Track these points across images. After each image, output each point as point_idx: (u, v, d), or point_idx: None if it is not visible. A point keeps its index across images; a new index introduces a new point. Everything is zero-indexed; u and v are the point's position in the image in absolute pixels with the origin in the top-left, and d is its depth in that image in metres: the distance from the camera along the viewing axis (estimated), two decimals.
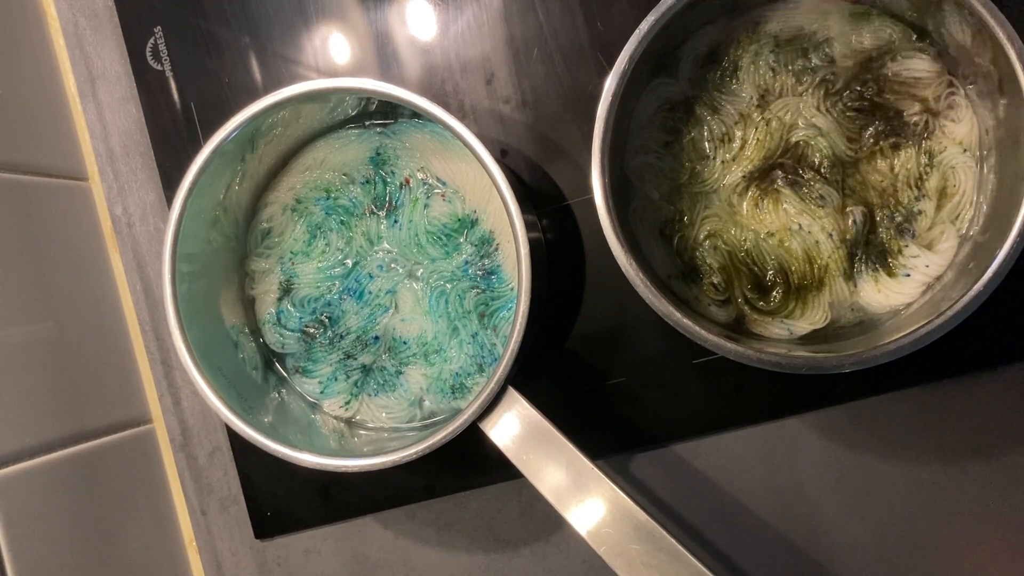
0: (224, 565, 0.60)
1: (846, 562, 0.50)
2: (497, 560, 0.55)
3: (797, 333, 0.46)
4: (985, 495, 0.49)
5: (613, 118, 0.43)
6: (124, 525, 0.56)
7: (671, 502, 0.52)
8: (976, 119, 0.45)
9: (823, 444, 0.50)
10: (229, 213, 0.53)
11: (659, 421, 0.52)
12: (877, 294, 0.46)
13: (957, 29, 0.42)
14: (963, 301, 0.39)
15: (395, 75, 0.56)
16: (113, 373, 0.59)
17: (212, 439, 0.60)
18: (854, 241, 0.46)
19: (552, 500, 0.43)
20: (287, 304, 0.54)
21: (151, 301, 0.61)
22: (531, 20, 0.53)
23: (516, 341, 0.44)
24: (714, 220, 0.48)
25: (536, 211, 0.53)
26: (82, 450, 0.55)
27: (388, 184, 0.53)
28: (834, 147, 0.46)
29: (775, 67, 0.47)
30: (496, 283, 0.51)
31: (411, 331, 0.53)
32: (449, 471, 0.55)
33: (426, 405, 0.53)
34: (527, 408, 0.44)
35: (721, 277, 0.48)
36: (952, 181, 0.45)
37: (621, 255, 0.43)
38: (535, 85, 0.53)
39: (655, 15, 0.43)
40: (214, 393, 0.48)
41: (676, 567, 0.41)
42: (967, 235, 0.45)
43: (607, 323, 0.52)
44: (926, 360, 0.43)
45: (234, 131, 0.48)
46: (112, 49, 0.61)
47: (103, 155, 0.62)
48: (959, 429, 0.49)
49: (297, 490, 0.57)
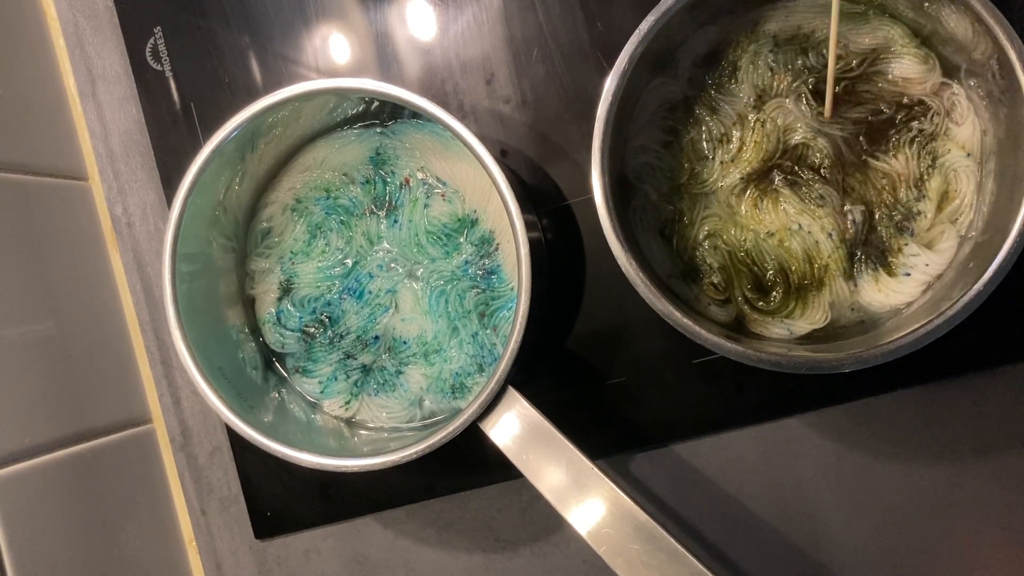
0: (224, 565, 0.60)
1: (846, 562, 0.50)
2: (497, 560, 0.55)
3: (797, 333, 0.46)
4: (985, 495, 0.49)
5: (613, 118, 0.43)
6: (124, 525, 0.56)
7: (671, 502, 0.52)
8: (977, 121, 0.45)
9: (823, 444, 0.50)
10: (229, 213, 0.53)
11: (659, 421, 0.52)
12: (877, 293, 0.46)
13: (956, 29, 0.42)
14: (963, 301, 0.39)
15: (395, 75, 0.56)
16: (113, 373, 0.59)
17: (212, 439, 0.60)
18: (854, 241, 0.46)
19: (552, 500, 0.43)
20: (287, 304, 0.54)
21: (151, 301, 0.61)
22: (531, 20, 0.53)
23: (516, 341, 0.44)
24: (714, 220, 0.48)
25: (536, 211, 0.53)
26: (82, 450, 0.55)
27: (388, 184, 0.53)
28: (834, 147, 0.46)
29: (774, 67, 0.47)
30: (496, 283, 0.51)
31: (411, 331, 0.53)
32: (449, 471, 0.55)
33: (426, 405, 0.53)
34: (527, 408, 0.44)
35: (721, 277, 0.48)
36: (954, 185, 0.45)
37: (621, 255, 0.43)
38: (535, 85, 0.53)
39: (655, 15, 0.43)
40: (214, 393, 0.48)
41: (676, 567, 0.41)
42: (967, 236, 0.45)
43: (607, 323, 0.52)
44: (926, 360, 0.43)
45: (234, 131, 0.48)
46: (112, 49, 0.61)
47: (103, 155, 0.62)
48: (959, 429, 0.49)
49: (297, 490, 0.57)
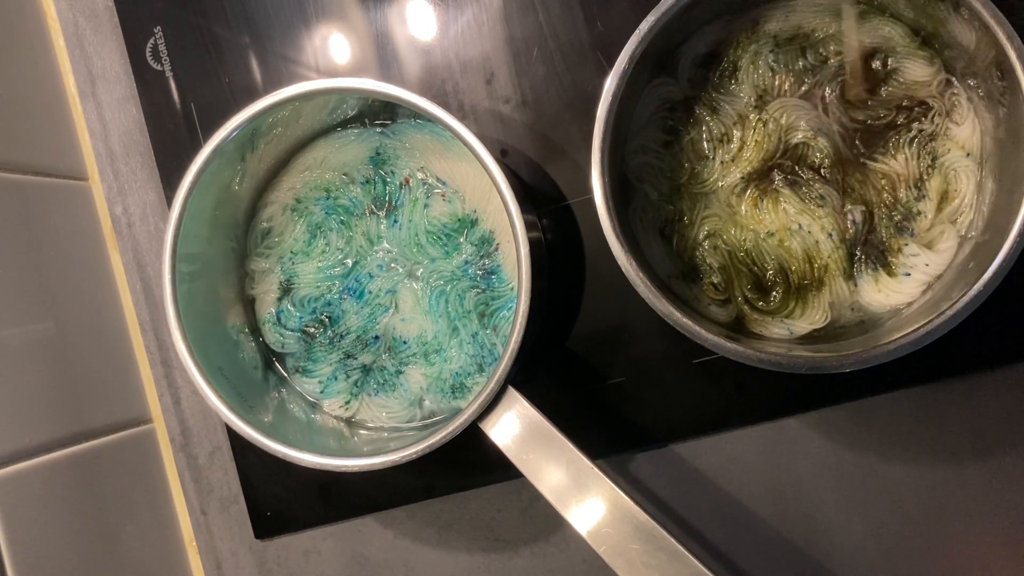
0: (224, 565, 0.60)
1: (846, 562, 0.50)
2: (497, 560, 0.55)
3: (797, 333, 0.46)
4: (985, 495, 0.49)
5: (613, 118, 0.43)
6: (124, 525, 0.56)
7: (671, 502, 0.52)
8: (977, 121, 0.45)
9: (823, 444, 0.50)
10: (229, 213, 0.53)
11: (659, 421, 0.52)
12: (877, 293, 0.46)
13: (956, 29, 0.42)
14: (963, 301, 0.39)
15: (395, 75, 0.56)
16: (113, 373, 0.59)
17: (212, 439, 0.60)
18: (854, 241, 0.46)
19: (552, 500, 0.43)
20: (287, 304, 0.54)
21: (151, 301, 0.61)
22: (531, 20, 0.53)
23: (516, 341, 0.44)
24: (714, 220, 0.48)
25: (536, 211, 0.53)
26: (82, 450, 0.55)
27: (388, 184, 0.53)
28: (834, 147, 0.46)
29: (775, 67, 0.47)
30: (496, 283, 0.51)
31: (411, 331, 0.53)
32: (449, 471, 0.55)
33: (426, 405, 0.53)
34: (527, 408, 0.44)
35: (721, 277, 0.48)
36: (954, 185, 0.45)
37: (621, 255, 0.43)
38: (535, 85, 0.53)
39: (655, 15, 0.43)
40: (214, 393, 0.48)
41: (676, 567, 0.41)
42: (967, 236, 0.45)
43: (607, 323, 0.52)
44: (926, 360, 0.43)
45: (234, 131, 0.48)
46: (112, 49, 0.61)
47: (103, 155, 0.62)
48: (959, 429, 0.49)
49: (297, 490, 0.57)
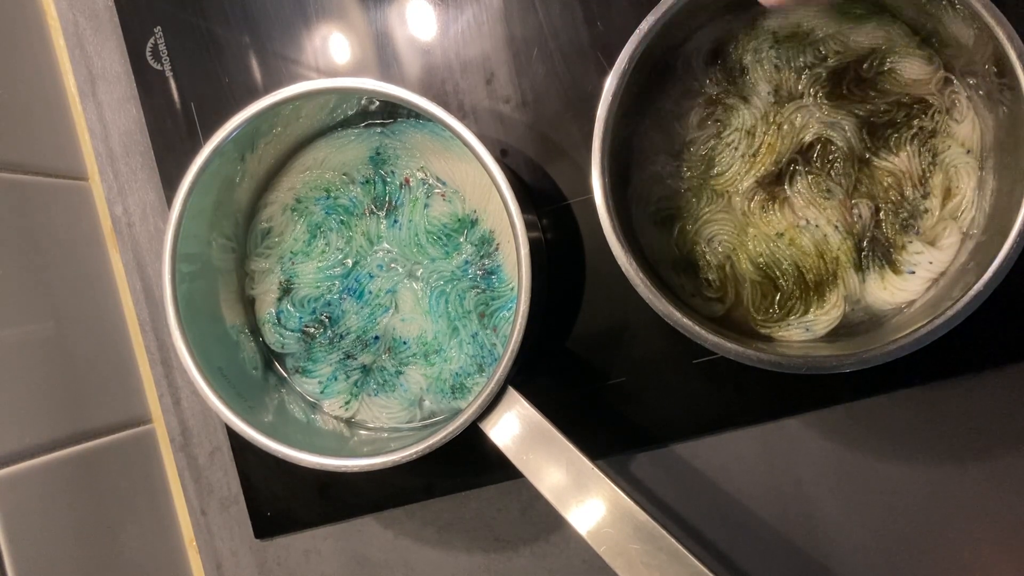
0: (224, 565, 0.60)
1: (846, 562, 0.50)
2: (497, 560, 0.55)
3: (818, 332, 0.46)
4: (985, 495, 0.48)
5: (613, 118, 0.43)
6: (124, 525, 0.56)
7: (671, 502, 0.52)
8: (977, 119, 0.45)
9: (823, 444, 0.50)
10: (229, 213, 0.53)
11: (659, 421, 0.52)
12: (883, 291, 0.46)
13: (956, 28, 0.42)
14: (963, 301, 0.39)
15: (395, 75, 0.56)
16: (113, 373, 0.59)
17: (212, 439, 0.60)
18: (860, 235, 0.46)
19: (552, 500, 0.43)
20: (287, 304, 0.54)
21: (151, 301, 0.61)
22: (531, 20, 0.53)
23: (516, 341, 0.44)
24: (724, 223, 0.48)
25: (536, 211, 0.53)
26: (82, 450, 0.55)
27: (388, 184, 0.53)
28: (844, 141, 0.46)
29: (778, 63, 0.47)
30: (496, 283, 0.51)
31: (411, 331, 0.53)
32: (449, 471, 0.55)
33: (426, 405, 0.53)
34: (527, 408, 0.44)
35: (717, 276, 0.48)
36: (955, 182, 0.45)
37: (621, 255, 0.43)
38: (535, 85, 0.53)
39: (655, 15, 0.43)
40: (214, 393, 0.48)
41: (676, 567, 0.41)
42: (968, 233, 0.45)
43: (607, 323, 0.52)
44: (926, 360, 0.43)
45: (234, 131, 0.48)
46: (112, 49, 0.61)
47: (103, 155, 0.62)
48: (959, 429, 0.49)
49: (297, 490, 0.57)
